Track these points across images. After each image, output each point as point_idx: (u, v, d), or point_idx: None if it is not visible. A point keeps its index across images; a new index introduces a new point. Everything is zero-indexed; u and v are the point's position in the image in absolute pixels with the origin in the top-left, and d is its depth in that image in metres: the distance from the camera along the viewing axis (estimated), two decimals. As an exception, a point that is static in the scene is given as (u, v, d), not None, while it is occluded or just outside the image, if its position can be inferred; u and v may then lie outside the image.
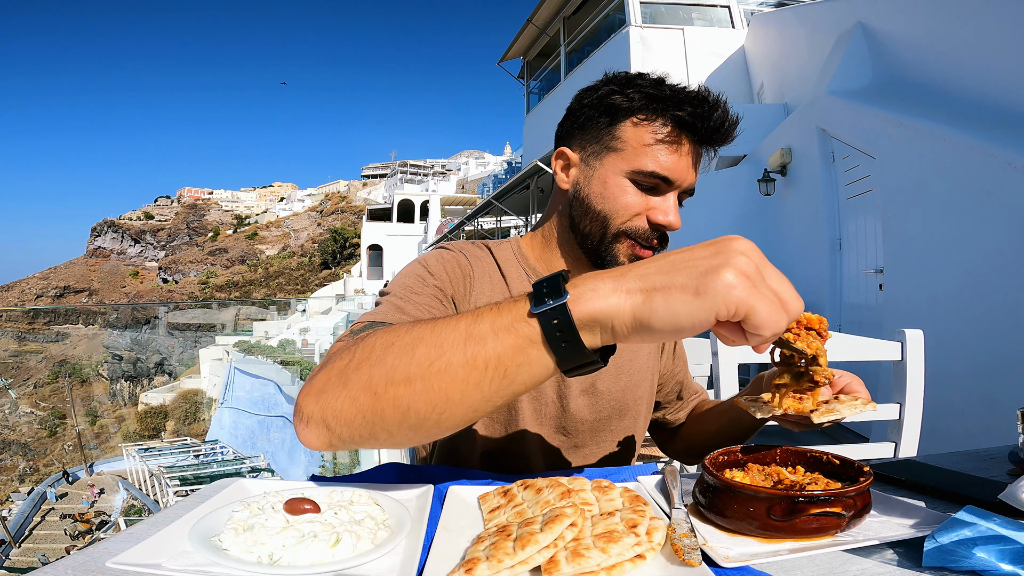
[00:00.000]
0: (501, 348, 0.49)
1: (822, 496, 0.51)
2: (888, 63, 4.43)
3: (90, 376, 27.02)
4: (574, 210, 0.86)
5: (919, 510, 0.57)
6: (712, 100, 0.80)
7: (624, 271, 0.48)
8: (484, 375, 0.49)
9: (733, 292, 0.43)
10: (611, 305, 0.46)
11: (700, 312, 0.44)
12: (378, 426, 0.52)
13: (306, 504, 0.52)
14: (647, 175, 0.80)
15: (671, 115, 0.79)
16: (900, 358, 1.28)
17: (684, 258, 0.46)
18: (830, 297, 4.69)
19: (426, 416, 0.51)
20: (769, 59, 7.68)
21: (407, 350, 0.52)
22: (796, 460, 0.63)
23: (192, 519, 0.52)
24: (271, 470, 12.18)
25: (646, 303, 0.45)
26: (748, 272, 0.44)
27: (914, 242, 3.53)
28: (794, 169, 5.33)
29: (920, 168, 3.47)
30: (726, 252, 0.45)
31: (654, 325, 0.46)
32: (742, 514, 0.52)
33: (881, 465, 0.73)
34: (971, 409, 2.94)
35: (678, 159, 0.80)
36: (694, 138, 0.81)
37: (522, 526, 0.50)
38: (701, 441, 1.01)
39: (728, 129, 0.81)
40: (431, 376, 0.50)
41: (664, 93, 0.80)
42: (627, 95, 0.81)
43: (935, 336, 1.99)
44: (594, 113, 0.84)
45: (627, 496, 0.58)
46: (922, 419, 1.27)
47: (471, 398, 0.50)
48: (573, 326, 0.47)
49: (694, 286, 0.44)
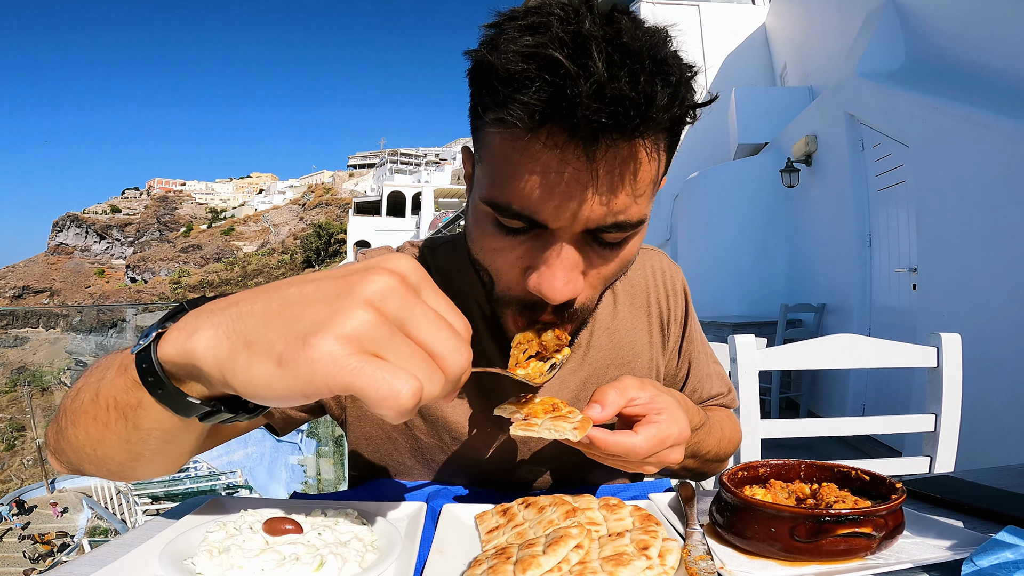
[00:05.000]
0: (115, 389, 0.46)
1: (850, 515, 0.51)
2: (922, 42, 4.43)
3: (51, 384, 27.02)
4: None
5: (956, 530, 0.56)
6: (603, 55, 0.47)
7: (235, 301, 0.40)
8: (109, 416, 0.48)
9: (320, 369, 0.34)
10: (196, 349, 0.39)
11: (282, 387, 0.36)
12: (74, 459, 0.54)
13: (287, 524, 0.52)
14: (498, 209, 0.55)
15: (518, 100, 0.49)
16: (936, 365, 1.29)
17: (296, 298, 0.38)
18: (859, 298, 4.69)
19: (93, 456, 0.52)
20: (793, 38, 7.69)
21: (79, 381, 0.53)
22: (822, 476, 0.63)
23: (163, 540, 0.52)
24: (249, 487, 12.18)
25: (230, 358, 0.37)
26: (363, 335, 0.35)
27: (951, 238, 3.53)
28: (820, 158, 5.33)
29: (957, 157, 3.47)
30: (346, 297, 0.36)
31: (236, 388, 0.38)
32: (763, 535, 0.52)
33: (915, 481, 0.73)
34: (1013, 421, 2.94)
35: (543, 179, 0.52)
36: (576, 135, 0.49)
37: (523, 548, 0.50)
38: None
39: (647, 101, 0.48)
40: (76, 413, 0.50)
41: (506, 63, 0.49)
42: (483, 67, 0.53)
43: (974, 341, 1.99)
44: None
45: (638, 515, 0.58)
46: (960, 431, 1.27)
47: (110, 441, 0.49)
48: (155, 370, 0.42)
49: (278, 352, 0.36)
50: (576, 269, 0.57)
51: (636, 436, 0.58)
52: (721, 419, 0.89)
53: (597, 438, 0.57)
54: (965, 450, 1.31)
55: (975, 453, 2.78)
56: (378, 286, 0.37)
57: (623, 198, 0.54)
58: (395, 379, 0.34)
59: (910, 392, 3.79)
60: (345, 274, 0.38)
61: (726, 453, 0.88)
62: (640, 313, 0.87)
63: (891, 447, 4.06)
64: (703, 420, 0.77)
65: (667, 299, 0.88)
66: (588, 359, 0.82)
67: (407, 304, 0.37)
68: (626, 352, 0.85)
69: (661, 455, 0.60)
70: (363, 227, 34.37)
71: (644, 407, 0.60)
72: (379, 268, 0.38)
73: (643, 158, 0.53)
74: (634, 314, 0.86)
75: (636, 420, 0.61)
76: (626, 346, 0.85)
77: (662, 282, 0.88)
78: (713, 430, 0.83)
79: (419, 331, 0.37)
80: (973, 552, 0.46)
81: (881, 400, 4.34)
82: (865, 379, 4.53)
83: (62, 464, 0.57)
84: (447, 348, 0.37)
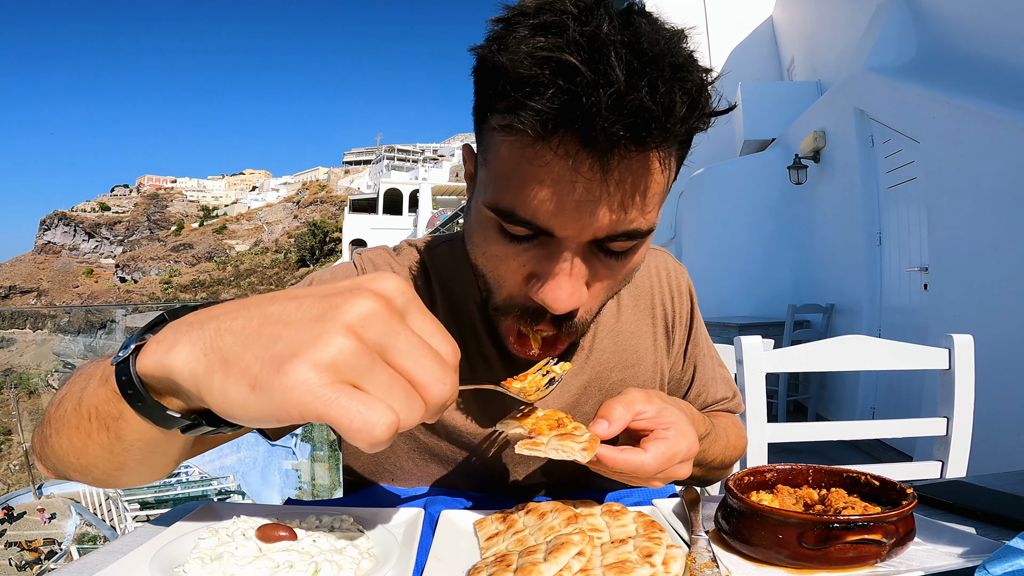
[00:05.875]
0: (97, 399, 0.46)
1: (860, 521, 0.51)
2: (934, 35, 4.43)
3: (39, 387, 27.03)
4: None
5: (969, 537, 0.56)
6: (623, 62, 0.46)
7: (216, 315, 0.39)
8: (91, 426, 0.48)
9: (293, 397, 0.34)
10: (173, 365, 0.39)
11: (256, 411, 0.35)
12: (59, 466, 0.55)
13: (281, 530, 0.52)
14: (504, 215, 0.55)
15: (530, 106, 0.48)
16: (947, 367, 1.29)
17: (277, 316, 0.37)
18: (868, 298, 4.69)
19: (76, 464, 0.52)
20: (801, 31, 7.69)
21: (63, 389, 0.54)
22: (831, 481, 0.63)
23: (153, 547, 0.52)
24: (242, 492, 12.18)
25: (206, 376, 0.37)
26: (341, 363, 0.35)
27: (963, 236, 3.53)
28: (828, 154, 5.34)
29: (970, 153, 3.47)
30: (327, 321, 0.36)
31: (212, 407, 0.38)
32: (770, 542, 0.52)
33: (926, 487, 0.73)
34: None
35: (553, 187, 0.52)
36: (589, 145, 0.49)
37: (523, 555, 0.50)
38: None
39: (666, 112, 0.48)
40: (59, 421, 0.51)
41: (518, 66, 0.48)
42: (491, 67, 0.52)
43: (987, 342, 1.99)
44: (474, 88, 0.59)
45: (641, 521, 0.58)
46: (972, 435, 1.27)
47: (93, 450, 0.50)
48: (133, 383, 0.42)
49: (253, 375, 0.35)
50: (581, 280, 0.57)
51: (645, 454, 0.57)
52: (726, 425, 0.89)
53: (605, 456, 0.57)
54: (978, 455, 1.31)
55: (988, 458, 2.78)
56: (361, 310, 0.36)
57: (635, 204, 0.53)
58: (370, 411, 0.34)
59: (921, 395, 3.79)
60: (329, 294, 0.38)
61: (731, 460, 0.88)
62: (644, 315, 0.87)
63: (902, 451, 4.06)
64: (708, 428, 0.77)
65: (672, 301, 0.88)
66: (591, 362, 0.82)
67: (390, 330, 0.37)
68: (630, 355, 0.85)
69: (669, 471, 0.60)
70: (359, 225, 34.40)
71: (651, 421, 0.60)
72: (364, 290, 0.38)
73: (656, 168, 0.53)
74: (638, 316, 0.86)
75: (643, 434, 0.61)
76: (630, 349, 0.85)
77: (667, 283, 0.88)
78: (719, 438, 0.83)
79: (401, 359, 0.37)
80: (986, 559, 0.46)
81: (891, 403, 4.34)
82: (875, 382, 4.53)
83: (48, 470, 0.57)
84: (430, 378, 0.37)
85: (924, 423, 1.29)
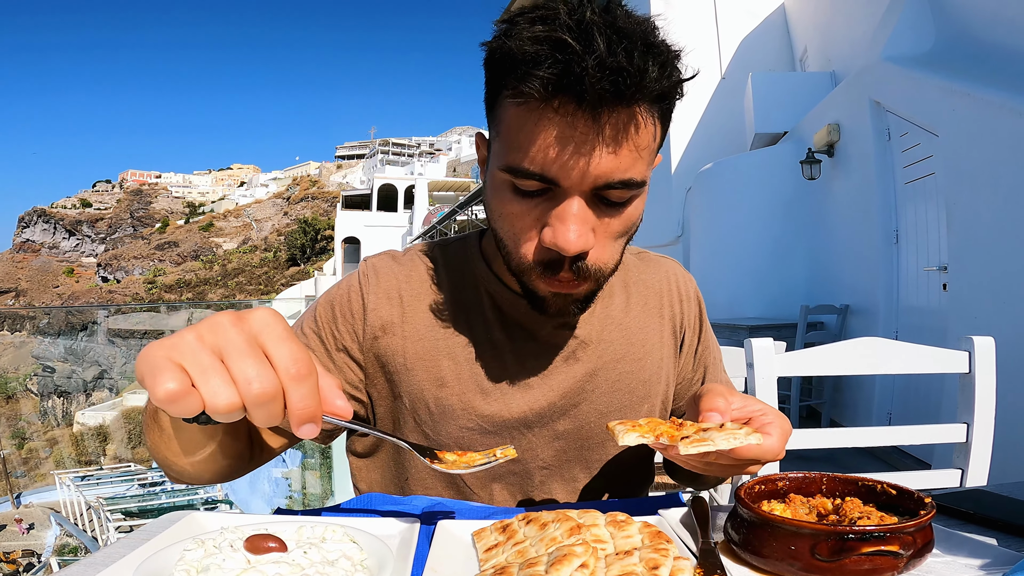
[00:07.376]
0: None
1: (876, 532, 0.51)
2: (953, 24, 4.43)
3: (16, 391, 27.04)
4: None
5: (989, 548, 0.57)
6: (604, 36, 0.60)
7: (193, 328, 0.49)
8: (153, 424, 0.67)
9: (139, 362, 0.46)
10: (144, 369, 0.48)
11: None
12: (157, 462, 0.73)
13: (271, 541, 0.52)
14: (516, 172, 0.67)
15: (533, 75, 0.62)
16: (967, 370, 1.29)
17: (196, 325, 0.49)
18: (885, 299, 4.69)
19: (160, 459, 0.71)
20: (814, 20, 7.69)
21: None
22: (845, 490, 0.64)
23: (137, 559, 0.52)
24: (229, 502, 12.18)
25: None
26: (176, 349, 0.46)
27: (984, 234, 3.53)
28: (843, 148, 5.34)
29: (990, 148, 3.47)
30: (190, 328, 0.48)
31: None
32: (782, 553, 0.53)
33: (945, 496, 0.73)
34: (1051, 430, 2.94)
35: (556, 141, 0.64)
36: (583, 103, 0.62)
37: (524, 567, 0.50)
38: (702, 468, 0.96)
39: (641, 72, 0.61)
40: (145, 423, 0.69)
41: (522, 46, 0.62)
42: (500, 53, 0.66)
43: (1009, 345, 1.99)
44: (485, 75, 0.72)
45: (647, 532, 0.58)
46: (993, 442, 1.27)
47: (163, 445, 0.68)
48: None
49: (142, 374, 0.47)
50: (587, 224, 0.68)
51: (770, 437, 0.65)
52: None
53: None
54: (999, 462, 1.31)
55: (1010, 466, 2.78)
56: (212, 322, 0.48)
57: (626, 154, 0.65)
58: (162, 375, 0.45)
59: (940, 400, 3.79)
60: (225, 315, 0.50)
61: None
62: (652, 314, 0.94)
63: (919, 459, 4.06)
64: None
65: (680, 303, 0.96)
66: (599, 352, 0.88)
67: (227, 338, 0.47)
68: (637, 348, 0.91)
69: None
70: (352, 222, 34.35)
71: (742, 412, 0.69)
72: (231, 314, 0.49)
73: (641, 122, 0.65)
74: (647, 314, 0.94)
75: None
76: (637, 342, 0.91)
77: (676, 287, 0.96)
78: None
79: (229, 359, 0.47)
80: (1007, 571, 0.46)
81: (909, 408, 4.34)
82: (892, 386, 4.53)
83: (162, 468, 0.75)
84: (244, 375, 0.46)
85: (943, 429, 1.28)
